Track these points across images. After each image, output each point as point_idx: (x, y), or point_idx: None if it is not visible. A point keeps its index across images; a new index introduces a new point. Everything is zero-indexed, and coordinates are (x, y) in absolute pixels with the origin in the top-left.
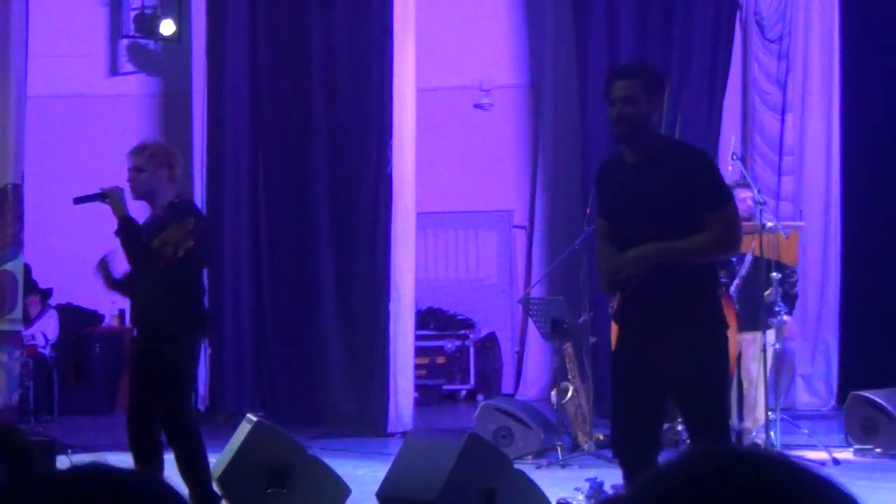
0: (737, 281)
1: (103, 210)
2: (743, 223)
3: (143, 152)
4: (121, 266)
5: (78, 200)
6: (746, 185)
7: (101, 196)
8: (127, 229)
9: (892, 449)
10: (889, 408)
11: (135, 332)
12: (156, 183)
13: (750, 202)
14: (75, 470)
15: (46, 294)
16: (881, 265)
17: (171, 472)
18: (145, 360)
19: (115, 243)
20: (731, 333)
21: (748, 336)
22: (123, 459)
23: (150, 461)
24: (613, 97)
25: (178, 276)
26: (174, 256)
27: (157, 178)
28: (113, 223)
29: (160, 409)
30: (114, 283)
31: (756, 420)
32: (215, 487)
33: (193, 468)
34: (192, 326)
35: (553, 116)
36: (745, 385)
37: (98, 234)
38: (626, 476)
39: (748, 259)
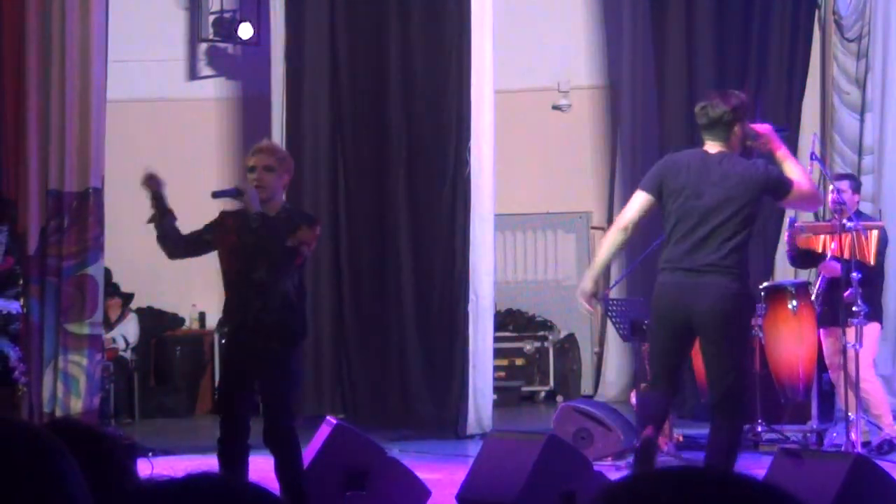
0: (819, 279)
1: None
2: (823, 223)
3: (276, 153)
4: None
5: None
6: (845, 178)
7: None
8: (267, 225)
9: None
10: None
11: (233, 331)
12: (279, 186)
13: (849, 191)
14: (187, 479)
15: (128, 298)
16: None
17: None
18: (263, 361)
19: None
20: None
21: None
22: (204, 462)
23: (239, 464)
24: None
25: (301, 277)
26: (305, 256)
27: (281, 182)
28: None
29: (264, 410)
30: (160, 209)
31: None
32: None
33: (291, 470)
34: (306, 328)
35: (631, 118)
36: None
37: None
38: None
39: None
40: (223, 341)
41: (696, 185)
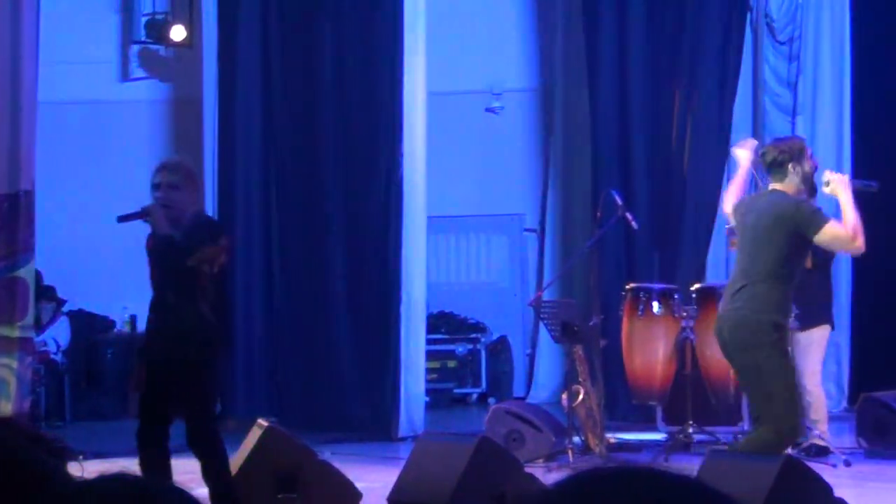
0: None
1: (115, 216)
2: None
3: (180, 170)
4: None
5: (122, 219)
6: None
7: (144, 214)
8: (168, 246)
9: None
10: None
11: (155, 346)
12: (187, 203)
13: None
14: (102, 479)
15: (60, 301)
16: (893, 266)
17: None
18: (177, 363)
19: (136, 242)
20: None
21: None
22: (135, 465)
23: (161, 467)
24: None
25: (215, 293)
26: (210, 273)
27: (190, 199)
28: (128, 225)
29: (183, 414)
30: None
31: None
32: None
33: (217, 471)
34: (225, 339)
35: (564, 120)
36: None
37: (110, 239)
38: None
39: None
40: (144, 351)
41: None
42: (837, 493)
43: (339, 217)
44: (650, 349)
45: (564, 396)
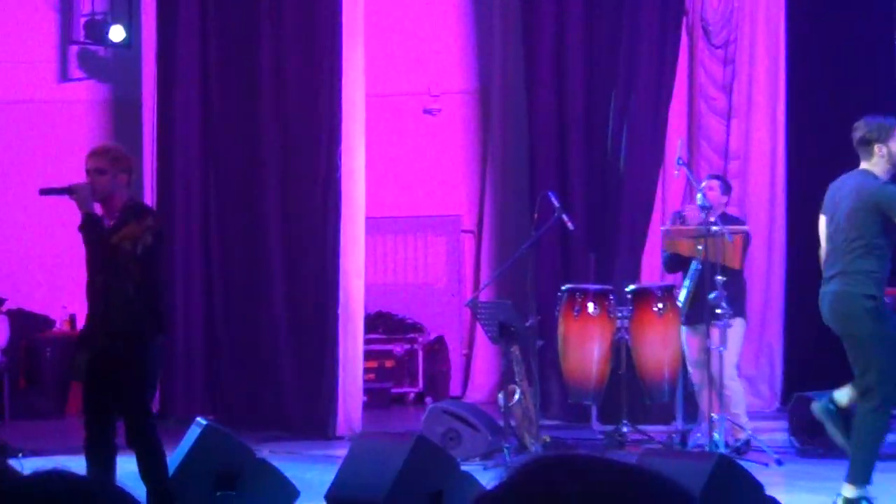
0: (687, 281)
1: (54, 215)
2: (689, 227)
3: (107, 155)
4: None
5: (44, 192)
6: (716, 178)
7: (68, 190)
8: (91, 224)
9: (834, 450)
10: None
11: (92, 332)
12: (115, 186)
13: (718, 191)
14: (36, 476)
15: None
16: (808, 270)
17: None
18: (109, 361)
19: (75, 241)
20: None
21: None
22: (74, 462)
23: (105, 464)
24: None
25: (141, 275)
26: (133, 252)
27: (117, 182)
28: (67, 223)
29: (121, 411)
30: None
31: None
32: None
33: (154, 469)
34: (156, 326)
35: (501, 122)
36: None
37: (49, 238)
38: None
39: (694, 265)
40: (84, 339)
41: None
42: (769, 491)
43: (277, 217)
44: (585, 349)
45: (501, 396)
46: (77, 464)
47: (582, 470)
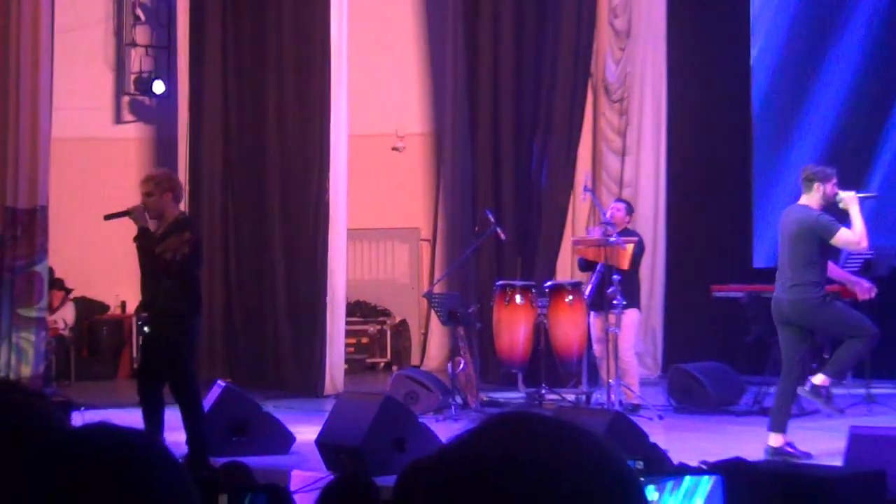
0: (594, 278)
1: (111, 228)
2: (592, 238)
3: (151, 181)
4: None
5: (108, 217)
6: (622, 202)
7: (126, 213)
8: (142, 237)
9: (703, 408)
10: (701, 377)
11: (147, 317)
12: (163, 204)
13: (623, 212)
14: (86, 428)
15: (68, 290)
16: (696, 268)
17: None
18: (156, 336)
19: (127, 246)
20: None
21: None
22: (124, 415)
23: (156, 415)
24: None
25: (180, 274)
26: (173, 260)
27: (163, 200)
28: (122, 233)
29: (167, 375)
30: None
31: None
32: None
33: (196, 420)
34: (191, 310)
35: (451, 156)
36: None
37: (106, 245)
38: None
39: (599, 266)
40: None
41: None
42: (653, 439)
43: (280, 229)
44: (514, 330)
45: (450, 365)
46: (125, 417)
47: (528, 423)
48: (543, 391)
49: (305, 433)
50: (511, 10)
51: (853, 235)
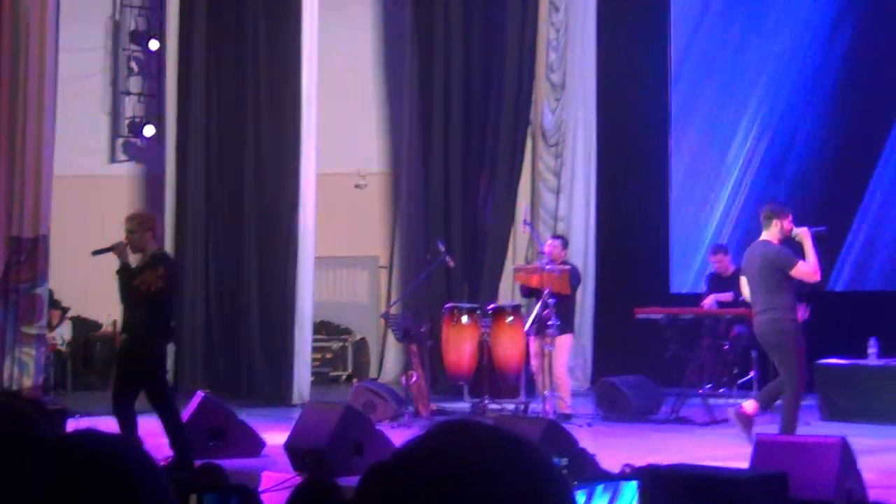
0: (538, 304)
1: (104, 255)
2: (532, 266)
3: (134, 219)
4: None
5: (95, 252)
6: (558, 237)
7: (111, 248)
8: (122, 271)
9: (627, 417)
10: (625, 389)
11: (124, 337)
12: (144, 240)
13: (559, 248)
14: (75, 433)
15: (65, 309)
16: (621, 293)
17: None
18: (129, 357)
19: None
20: (521, 335)
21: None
22: (113, 422)
23: (130, 424)
24: None
25: (153, 303)
26: (147, 291)
27: (145, 237)
28: (111, 261)
29: (138, 389)
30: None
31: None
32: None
33: (176, 426)
34: (160, 333)
35: (406, 193)
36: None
37: (100, 270)
38: None
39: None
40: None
41: None
42: (582, 444)
43: (255, 256)
44: (461, 347)
45: (403, 378)
46: (114, 425)
47: (471, 430)
48: (486, 401)
49: (275, 438)
50: (461, 64)
51: (808, 268)
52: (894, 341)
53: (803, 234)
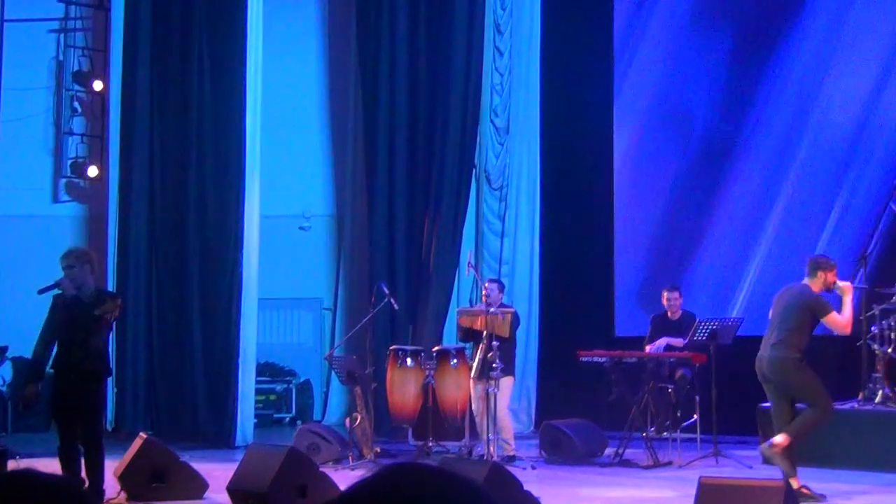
0: (481, 347)
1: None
2: (475, 309)
3: (71, 255)
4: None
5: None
6: (495, 281)
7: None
8: (75, 306)
9: (571, 460)
10: (569, 432)
11: (61, 373)
12: (83, 275)
13: (497, 292)
14: (12, 473)
15: (3, 350)
16: (565, 336)
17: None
18: (77, 394)
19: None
20: (466, 377)
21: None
22: (55, 463)
23: (76, 462)
24: None
25: (107, 333)
26: (109, 320)
27: (83, 271)
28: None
29: (82, 426)
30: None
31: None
32: (115, 483)
33: (98, 468)
34: (106, 371)
35: (350, 236)
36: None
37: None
38: None
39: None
40: (53, 380)
41: None
42: (526, 487)
43: (198, 297)
44: (405, 389)
45: (348, 420)
46: (54, 465)
47: (418, 473)
48: (430, 444)
49: (218, 480)
50: (406, 107)
51: (842, 319)
52: (838, 385)
53: (846, 288)
